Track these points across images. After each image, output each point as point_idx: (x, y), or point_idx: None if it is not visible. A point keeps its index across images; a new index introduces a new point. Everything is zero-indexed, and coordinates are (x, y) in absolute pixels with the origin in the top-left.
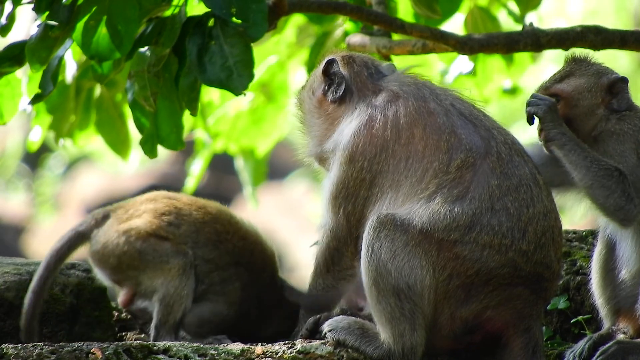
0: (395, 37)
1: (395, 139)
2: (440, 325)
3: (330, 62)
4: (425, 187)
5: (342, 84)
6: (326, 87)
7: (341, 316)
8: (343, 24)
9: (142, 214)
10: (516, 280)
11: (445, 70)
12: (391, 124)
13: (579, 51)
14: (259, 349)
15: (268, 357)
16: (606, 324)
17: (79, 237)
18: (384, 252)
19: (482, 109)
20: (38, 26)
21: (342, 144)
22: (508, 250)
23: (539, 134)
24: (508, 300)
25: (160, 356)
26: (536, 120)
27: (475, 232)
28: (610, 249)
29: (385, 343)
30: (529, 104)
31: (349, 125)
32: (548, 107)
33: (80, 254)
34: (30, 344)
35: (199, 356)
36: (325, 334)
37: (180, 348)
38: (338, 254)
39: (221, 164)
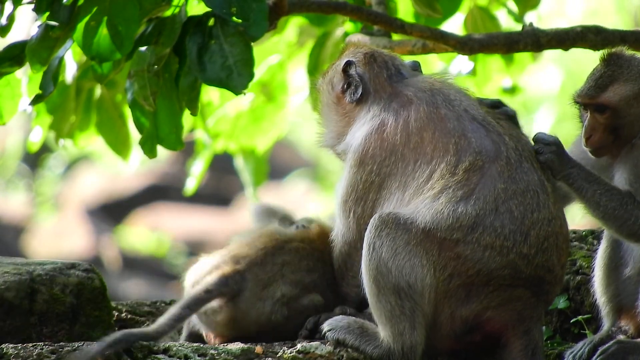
0: (395, 37)
1: (405, 142)
2: (440, 325)
3: (349, 64)
4: (430, 187)
5: (359, 87)
6: (345, 86)
7: (341, 316)
8: (343, 25)
9: (282, 272)
10: (517, 282)
11: (445, 69)
12: (401, 128)
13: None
14: (258, 348)
15: (268, 357)
16: (607, 324)
17: (218, 295)
18: (384, 250)
19: (497, 115)
20: (38, 27)
21: (353, 146)
22: (509, 252)
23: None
24: (508, 302)
25: (160, 356)
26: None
27: (477, 232)
28: (615, 246)
29: (384, 342)
30: (536, 152)
31: (361, 129)
32: (554, 152)
33: (80, 254)
34: (30, 344)
35: (198, 356)
36: (325, 333)
37: (180, 348)
38: (350, 259)
39: (221, 164)
